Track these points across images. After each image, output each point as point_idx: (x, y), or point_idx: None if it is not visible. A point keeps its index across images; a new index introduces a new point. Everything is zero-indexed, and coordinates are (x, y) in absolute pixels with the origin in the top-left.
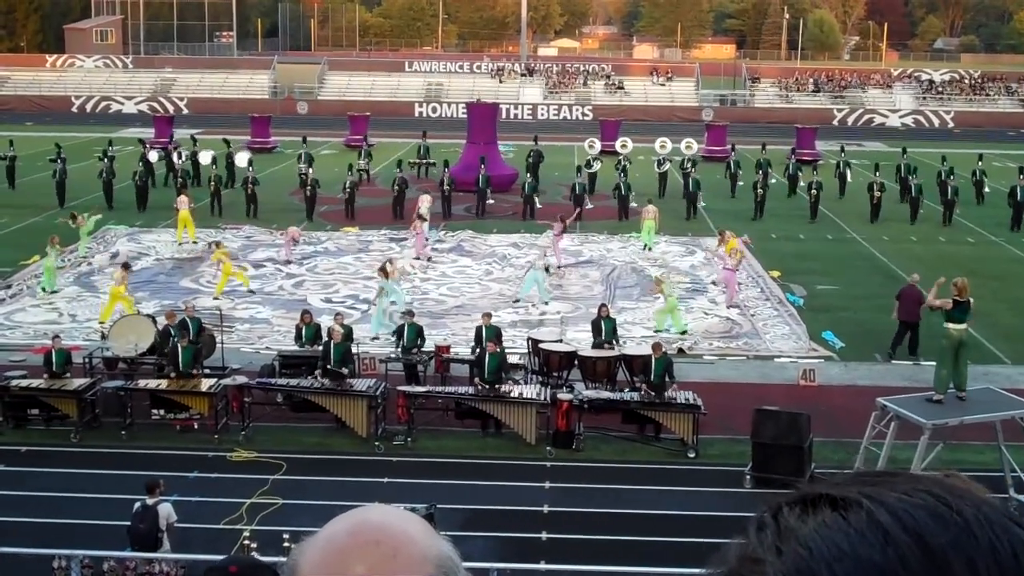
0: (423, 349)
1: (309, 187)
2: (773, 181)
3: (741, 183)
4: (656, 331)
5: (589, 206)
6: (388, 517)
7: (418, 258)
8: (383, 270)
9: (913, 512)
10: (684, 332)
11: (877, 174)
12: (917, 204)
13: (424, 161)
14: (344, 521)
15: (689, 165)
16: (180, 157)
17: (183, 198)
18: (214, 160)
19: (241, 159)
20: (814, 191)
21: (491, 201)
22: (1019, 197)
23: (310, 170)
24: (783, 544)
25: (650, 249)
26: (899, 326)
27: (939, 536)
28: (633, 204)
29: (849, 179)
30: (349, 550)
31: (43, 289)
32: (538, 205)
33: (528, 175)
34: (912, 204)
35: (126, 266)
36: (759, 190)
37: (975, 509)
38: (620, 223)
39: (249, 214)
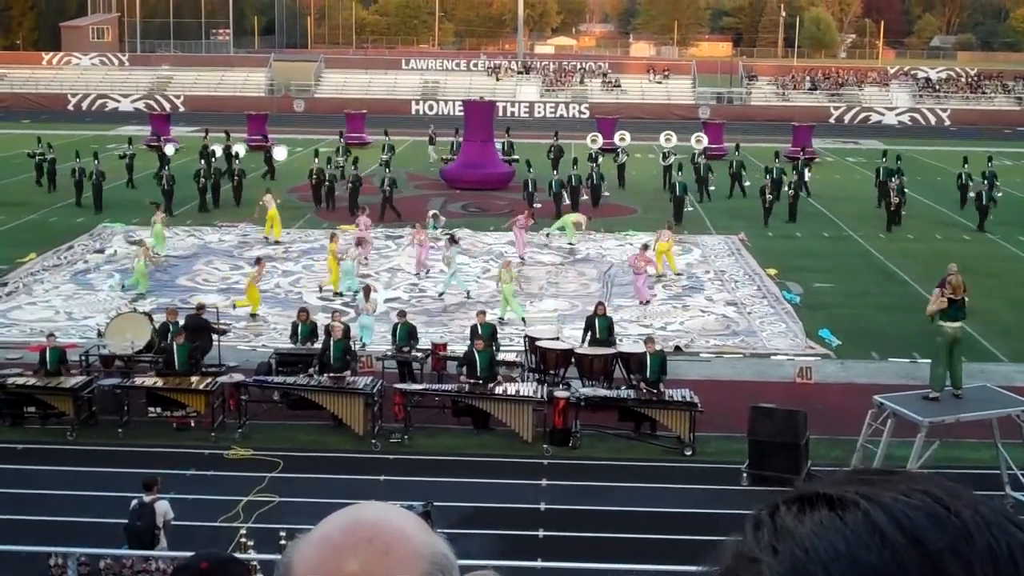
0: (417, 348)
1: (350, 183)
2: (748, 184)
3: (712, 187)
4: (500, 319)
5: (584, 198)
6: (382, 514)
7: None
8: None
9: (910, 513)
10: (523, 319)
11: (893, 179)
12: (899, 206)
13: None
14: (338, 518)
15: (700, 159)
16: (213, 156)
17: (268, 196)
18: (212, 153)
19: (279, 153)
20: (791, 192)
21: (538, 205)
22: (983, 200)
23: (341, 161)
24: (779, 544)
25: (571, 243)
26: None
27: (936, 539)
28: (606, 193)
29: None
30: (343, 547)
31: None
32: (566, 201)
33: (555, 172)
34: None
35: (259, 260)
36: (768, 195)
37: (973, 511)
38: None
39: (239, 203)
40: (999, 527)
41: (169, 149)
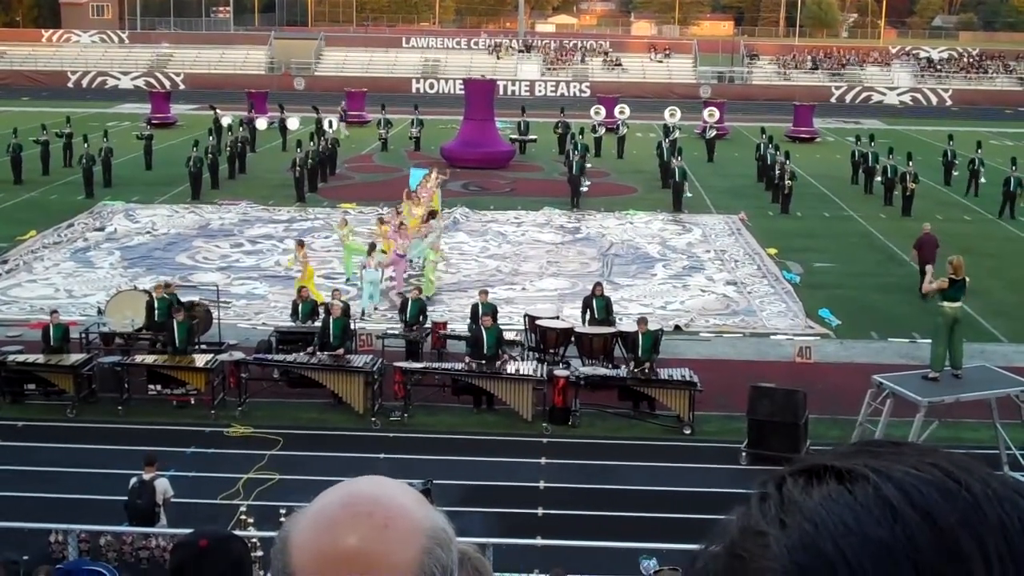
0: (425, 325)
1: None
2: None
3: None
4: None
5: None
6: (381, 488)
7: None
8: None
9: (921, 487)
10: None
11: (911, 164)
12: (891, 187)
13: (524, 138)
14: (336, 492)
15: (712, 133)
16: (253, 127)
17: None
18: (229, 127)
19: (333, 124)
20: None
21: (584, 189)
22: (1011, 186)
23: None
24: (787, 517)
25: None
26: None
27: (948, 513)
28: (589, 164)
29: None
30: (341, 521)
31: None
32: (586, 184)
33: (573, 152)
34: (882, 186)
35: (300, 243)
36: (787, 181)
37: (983, 484)
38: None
39: (235, 174)
40: (1010, 501)
41: (226, 121)
